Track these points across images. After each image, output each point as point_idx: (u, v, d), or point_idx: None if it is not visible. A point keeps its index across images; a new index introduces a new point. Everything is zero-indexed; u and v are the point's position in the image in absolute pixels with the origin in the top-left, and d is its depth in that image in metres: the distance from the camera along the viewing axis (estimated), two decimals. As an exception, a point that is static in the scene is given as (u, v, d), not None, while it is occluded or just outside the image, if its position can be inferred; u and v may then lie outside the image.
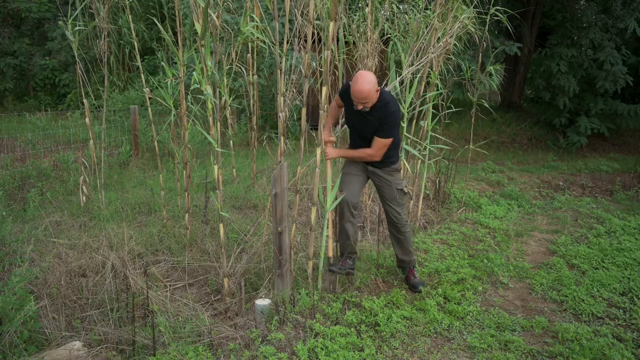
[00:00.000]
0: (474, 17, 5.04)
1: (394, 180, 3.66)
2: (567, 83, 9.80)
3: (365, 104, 3.32)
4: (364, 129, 3.50)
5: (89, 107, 5.17)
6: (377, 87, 3.31)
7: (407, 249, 3.84)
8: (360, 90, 3.25)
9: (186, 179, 4.28)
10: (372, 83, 3.27)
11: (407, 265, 3.89)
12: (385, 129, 3.41)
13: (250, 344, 2.97)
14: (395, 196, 3.68)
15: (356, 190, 3.62)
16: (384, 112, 3.39)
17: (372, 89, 3.26)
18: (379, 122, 3.41)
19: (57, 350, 2.87)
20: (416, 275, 3.88)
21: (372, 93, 3.28)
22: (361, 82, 3.25)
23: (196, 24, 3.15)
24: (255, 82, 5.58)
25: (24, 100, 12.67)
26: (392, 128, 3.43)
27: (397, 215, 3.73)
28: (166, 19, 11.51)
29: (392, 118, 3.39)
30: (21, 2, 12.36)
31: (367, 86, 3.24)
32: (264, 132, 8.60)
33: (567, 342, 3.16)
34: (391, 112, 3.39)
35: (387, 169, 3.64)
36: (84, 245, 4.11)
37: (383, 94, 3.43)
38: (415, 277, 3.86)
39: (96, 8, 4.92)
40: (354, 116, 3.53)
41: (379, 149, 3.47)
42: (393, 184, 3.65)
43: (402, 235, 3.78)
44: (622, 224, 5.46)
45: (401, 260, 3.89)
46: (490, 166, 8.26)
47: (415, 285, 3.79)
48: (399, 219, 3.73)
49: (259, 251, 4.07)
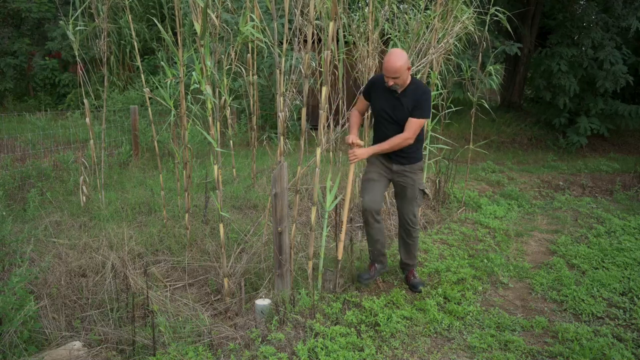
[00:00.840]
0: (474, 17, 5.04)
1: (417, 179, 3.67)
2: (567, 82, 9.79)
3: (396, 79, 3.37)
4: (398, 112, 3.50)
5: (89, 107, 5.17)
6: (409, 64, 3.39)
7: (412, 254, 3.87)
8: (393, 64, 3.32)
9: (186, 179, 4.28)
10: (404, 59, 3.36)
11: (409, 267, 3.91)
12: (421, 107, 3.44)
13: (250, 344, 2.97)
14: (416, 196, 3.68)
15: (377, 196, 3.63)
16: (418, 92, 3.46)
17: (403, 65, 3.34)
18: (413, 103, 3.45)
19: (57, 350, 2.87)
20: (416, 275, 3.89)
21: (403, 68, 3.34)
22: (394, 57, 3.35)
23: (195, 24, 3.15)
24: (255, 82, 5.58)
25: (24, 100, 12.67)
26: (427, 107, 3.48)
27: (413, 218, 3.73)
28: (166, 18, 11.51)
29: (426, 97, 3.46)
30: (21, 2, 12.36)
31: (399, 62, 3.33)
32: (264, 132, 8.61)
33: (567, 342, 3.16)
34: (425, 91, 3.49)
35: (414, 166, 3.63)
36: (84, 245, 4.11)
37: (415, 80, 3.53)
38: (415, 277, 3.87)
39: (96, 8, 4.92)
40: (386, 102, 3.53)
41: (414, 130, 3.46)
42: (416, 183, 3.66)
43: (412, 241, 3.80)
44: (622, 224, 5.46)
45: (404, 263, 3.91)
46: (490, 166, 8.26)
47: (415, 285, 3.80)
48: (414, 222, 3.74)
49: (259, 251, 4.07)
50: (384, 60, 3.39)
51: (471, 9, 4.92)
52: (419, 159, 3.66)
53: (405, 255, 3.87)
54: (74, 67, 12.08)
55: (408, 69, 3.40)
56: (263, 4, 5.28)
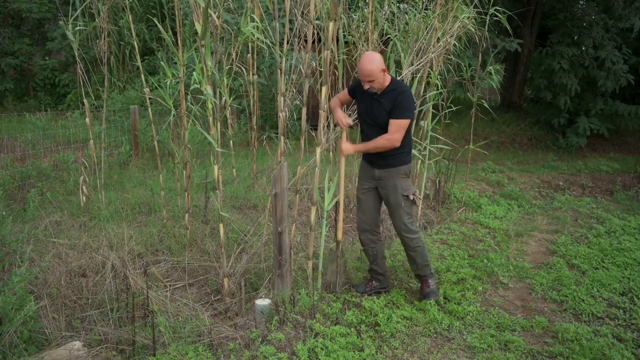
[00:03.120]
0: (474, 17, 5.04)
1: (400, 185, 3.47)
2: (568, 81, 9.78)
3: (371, 82, 3.32)
4: (378, 114, 3.43)
5: (89, 107, 5.17)
6: (382, 66, 3.32)
7: (419, 264, 3.62)
8: (364, 67, 3.28)
9: (186, 179, 4.28)
10: (376, 62, 3.29)
11: (421, 278, 3.70)
12: (400, 107, 3.34)
13: (250, 344, 2.97)
14: (400, 203, 3.48)
15: (368, 215, 3.61)
16: (396, 93, 3.37)
17: (375, 68, 3.28)
18: (391, 104, 3.37)
19: (57, 350, 2.87)
20: (431, 284, 3.64)
21: (376, 71, 3.29)
22: (365, 61, 3.30)
23: (196, 24, 3.15)
24: (255, 82, 5.58)
25: (24, 100, 12.67)
26: (406, 108, 3.36)
27: (404, 227, 3.52)
28: (166, 19, 11.51)
29: (403, 97, 3.35)
30: (22, 2, 12.36)
31: (369, 65, 3.27)
32: (264, 132, 8.60)
33: (567, 342, 3.16)
34: (402, 91, 3.38)
35: (392, 170, 3.47)
36: (84, 245, 4.11)
37: (395, 81, 3.44)
38: (429, 286, 3.63)
39: (96, 8, 4.92)
40: (366, 105, 3.49)
41: (396, 131, 3.35)
42: (399, 189, 3.47)
43: (413, 251, 3.58)
44: (622, 224, 5.46)
45: (415, 274, 3.73)
46: (490, 166, 8.26)
47: (427, 295, 3.59)
48: (407, 231, 3.52)
49: (259, 251, 4.07)
50: (358, 65, 3.36)
51: (470, 8, 4.92)
52: (401, 164, 3.48)
53: (413, 266, 3.68)
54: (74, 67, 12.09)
55: (383, 71, 3.32)
56: (264, 4, 5.27)
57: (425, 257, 3.61)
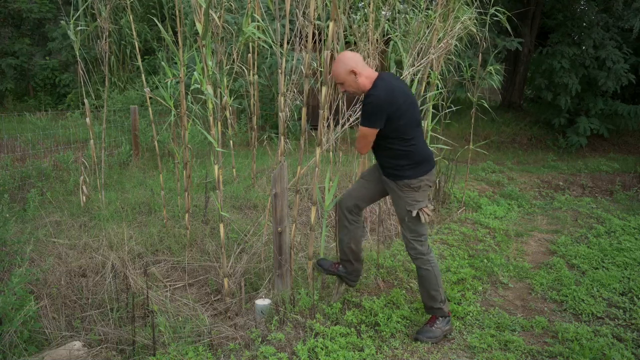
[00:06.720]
0: (475, 17, 5.04)
1: (405, 197, 3.04)
2: (569, 81, 9.77)
3: (341, 86, 3.03)
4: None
5: (89, 107, 5.17)
6: (351, 67, 2.93)
7: (428, 293, 3.14)
8: (333, 71, 3.01)
9: (186, 179, 4.28)
10: (344, 64, 2.94)
11: (429, 312, 3.22)
12: (362, 114, 2.95)
13: (250, 344, 2.97)
14: (404, 217, 3.09)
15: (356, 192, 3.24)
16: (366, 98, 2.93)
17: (342, 71, 2.95)
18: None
19: (57, 350, 2.87)
20: (436, 324, 3.13)
21: (343, 75, 2.95)
22: (334, 64, 3.00)
23: (197, 24, 3.15)
24: (256, 82, 5.58)
25: (24, 100, 12.68)
26: (368, 114, 2.90)
27: (406, 241, 3.14)
28: (167, 18, 11.52)
29: (366, 102, 2.90)
30: (22, 2, 12.37)
31: (337, 68, 2.98)
32: (264, 132, 8.61)
33: (567, 342, 3.16)
34: (367, 95, 2.92)
35: (399, 182, 3.05)
36: (84, 245, 4.11)
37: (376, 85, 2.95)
38: (432, 326, 3.13)
39: (98, 8, 4.92)
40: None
41: (357, 139, 3.02)
42: (403, 201, 3.06)
43: (420, 272, 3.14)
44: (622, 224, 5.46)
45: (424, 305, 3.24)
46: (490, 166, 8.26)
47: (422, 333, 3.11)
48: (411, 247, 3.12)
49: (259, 251, 4.08)
50: None
51: (472, 9, 4.92)
52: (405, 177, 3.02)
53: (421, 291, 3.20)
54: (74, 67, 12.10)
55: (353, 73, 2.93)
56: (264, 4, 5.28)
57: (432, 284, 3.11)
